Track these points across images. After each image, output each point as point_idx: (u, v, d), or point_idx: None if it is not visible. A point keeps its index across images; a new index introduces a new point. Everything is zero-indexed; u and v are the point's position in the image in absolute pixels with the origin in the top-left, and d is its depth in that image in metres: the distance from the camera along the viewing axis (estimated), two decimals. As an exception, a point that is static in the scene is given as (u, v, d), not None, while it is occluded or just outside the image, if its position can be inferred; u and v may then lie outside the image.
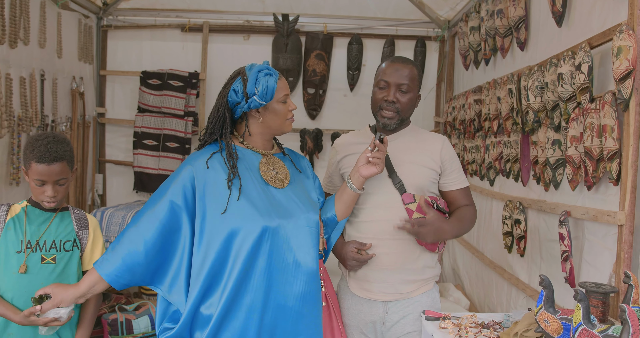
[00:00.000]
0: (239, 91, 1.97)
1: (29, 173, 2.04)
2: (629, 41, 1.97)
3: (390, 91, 2.20)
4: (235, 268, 1.88)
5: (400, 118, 2.23)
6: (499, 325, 2.12)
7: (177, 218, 1.93)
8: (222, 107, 2.03)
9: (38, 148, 2.02)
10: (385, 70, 2.24)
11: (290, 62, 4.94)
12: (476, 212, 2.33)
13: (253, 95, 1.95)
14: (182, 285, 1.93)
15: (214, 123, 2.04)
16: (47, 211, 2.13)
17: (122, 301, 3.55)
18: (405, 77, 2.20)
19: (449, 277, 4.78)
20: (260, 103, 1.96)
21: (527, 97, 2.79)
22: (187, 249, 1.94)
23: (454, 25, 4.73)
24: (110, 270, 1.92)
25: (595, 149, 2.18)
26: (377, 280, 2.20)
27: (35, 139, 2.05)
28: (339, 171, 2.34)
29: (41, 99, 3.75)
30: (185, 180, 1.95)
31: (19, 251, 2.05)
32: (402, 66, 2.22)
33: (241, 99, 1.97)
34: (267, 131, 2.07)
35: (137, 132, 4.84)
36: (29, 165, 2.02)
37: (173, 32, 5.02)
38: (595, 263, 2.29)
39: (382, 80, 2.23)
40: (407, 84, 2.20)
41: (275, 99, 2.00)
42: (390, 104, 2.20)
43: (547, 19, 2.81)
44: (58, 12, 4.06)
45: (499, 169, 3.44)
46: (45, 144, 2.03)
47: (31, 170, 2.02)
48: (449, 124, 4.64)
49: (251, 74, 1.97)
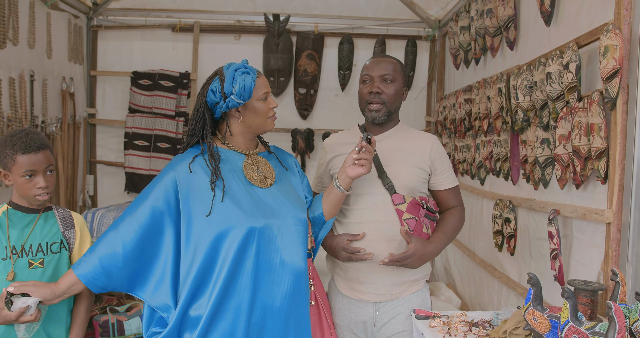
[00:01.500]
0: (216, 91, 1.96)
1: (14, 169, 1.97)
2: (615, 40, 1.99)
3: (374, 82, 2.21)
4: (222, 270, 1.88)
5: (388, 110, 2.22)
6: (488, 323, 2.13)
7: (159, 223, 1.93)
8: (201, 108, 2.02)
9: (19, 140, 1.97)
10: (368, 66, 2.27)
11: (282, 62, 4.94)
12: (464, 213, 2.34)
13: (231, 94, 1.93)
14: (167, 289, 1.92)
15: (194, 125, 2.03)
16: (29, 213, 2.07)
17: (114, 302, 3.54)
18: (388, 69, 2.22)
19: (441, 276, 4.79)
20: (239, 102, 1.94)
21: (516, 97, 2.80)
22: (170, 254, 1.93)
23: (445, 24, 4.75)
24: (87, 271, 1.91)
25: (584, 148, 2.20)
26: (368, 281, 2.20)
27: (12, 135, 2.00)
28: (329, 171, 2.34)
29: (31, 100, 3.74)
30: (168, 185, 1.94)
31: (5, 258, 1.99)
32: (384, 60, 2.25)
33: (219, 99, 1.96)
34: (249, 131, 2.06)
35: (128, 133, 4.83)
36: (14, 160, 1.96)
37: (164, 32, 5.01)
38: (584, 261, 2.30)
39: (366, 74, 2.24)
40: (390, 74, 2.21)
41: (255, 97, 1.99)
42: (376, 95, 2.20)
43: (536, 19, 2.83)
44: (47, 12, 4.04)
45: (489, 168, 3.46)
46: (25, 135, 1.99)
47: (17, 165, 1.96)
48: (440, 124, 4.66)
49: (228, 73, 1.95)
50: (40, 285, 1.94)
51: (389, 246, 2.16)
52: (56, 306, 2.05)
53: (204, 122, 2.02)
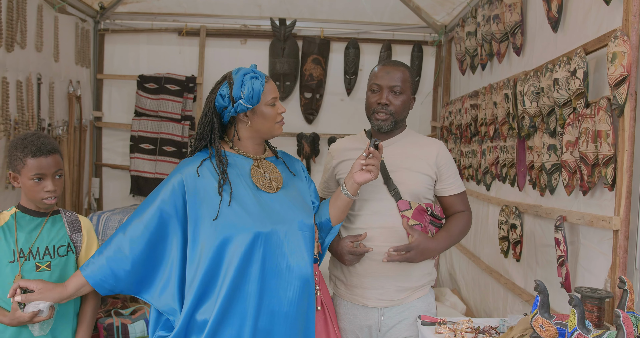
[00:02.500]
0: (225, 95, 1.98)
1: (24, 172, 1.99)
2: (623, 47, 1.99)
3: (383, 93, 2.20)
4: (228, 274, 1.88)
5: (394, 120, 2.22)
6: (494, 330, 2.12)
7: (166, 226, 1.94)
8: (209, 113, 2.03)
9: (30, 143, 1.99)
10: (377, 74, 2.24)
11: (287, 66, 4.95)
12: (471, 218, 2.33)
13: (239, 99, 1.95)
14: (173, 292, 1.93)
15: (202, 129, 2.05)
16: (37, 217, 2.09)
17: (118, 305, 3.54)
18: (397, 79, 2.20)
19: (446, 282, 4.78)
20: (247, 107, 1.96)
21: (522, 103, 2.80)
22: (177, 257, 1.94)
23: (451, 30, 4.75)
24: (95, 273, 1.92)
25: (591, 155, 2.19)
26: (372, 286, 2.20)
27: (23, 138, 2.02)
28: (335, 176, 2.34)
29: (38, 102, 3.75)
30: (176, 188, 1.95)
31: (12, 261, 2.01)
32: (394, 69, 2.22)
33: (228, 104, 1.98)
34: (257, 135, 2.06)
35: (134, 136, 4.84)
36: (24, 163, 1.98)
37: (170, 36, 5.03)
38: (591, 268, 2.29)
39: (374, 84, 2.23)
40: (399, 86, 2.20)
41: (263, 102, 2.00)
42: (384, 107, 2.20)
43: (542, 25, 2.82)
44: (55, 16, 4.06)
45: (495, 174, 3.45)
46: (37, 139, 2.01)
47: (26, 168, 1.98)
48: (446, 129, 4.65)
49: (237, 77, 1.97)
50: (47, 287, 1.94)
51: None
52: (62, 307, 2.06)
53: (212, 127, 2.03)
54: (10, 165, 2.04)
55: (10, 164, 2.04)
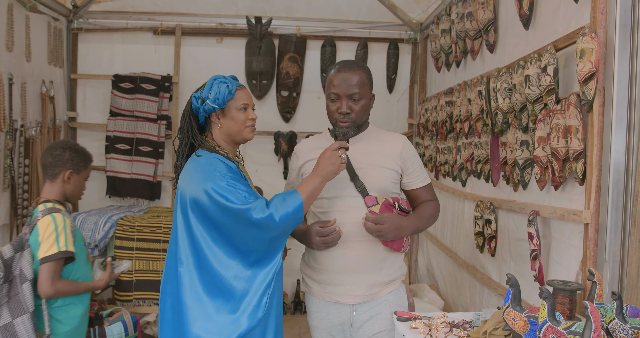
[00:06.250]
0: (198, 96, 2.17)
1: (82, 175, 2.73)
2: (591, 44, 2.02)
3: (342, 102, 2.18)
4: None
5: (358, 124, 2.23)
6: (469, 324, 2.15)
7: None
8: (187, 113, 2.20)
9: (87, 153, 2.77)
10: (333, 81, 2.21)
11: (264, 64, 4.94)
12: (438, 206, 2.36)
13: (207, 99, 2.12)
14: None
15: (183, 127, 2.20)
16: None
17: (95, 307, 3.50)
18: (355, 86, 2.17)
19: (424, 278, 4.82)
20: (213, 107, 2.12)
21: (496, 99, 2.83)
22: None
23: (426, 27, 4.78)
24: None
25: (562, 150, 2.22)
26: (344, 283, 2.22)
27: (83, 149, 2.76)
28: (301, 176, 2.34)
29: (9, 103, 3.69)
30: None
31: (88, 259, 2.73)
32: (350, 75, 2.18)
33: (199, 104, 2.15)
34: (228, 138, 2.18)
35: (109, 136, 4.79)
36: (86, 168, 2.73)
37: (145, 35, 4.98)
38: (563, 261, 2.33)
39: (332, 93, 2.20)
40: (357, 93, 2.17)
41: (233, 106, 2.14)
42: (345, 115, 2.20)
43: (514, 22, 2.86)
44: (26, 15, 4.00)
45: (470, 170, 3.49)
46: (84, 149, 2.78)
47: (84, 172, 2.74)
48: (422, 126, 4.69)
49: (209, 81, 2.16)
50: None
51: (364, 247, 2.20)
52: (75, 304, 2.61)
53: (190, 125, 2.18)
54: (73, 165, 2.65)
55: (73, 164, 2.65)
